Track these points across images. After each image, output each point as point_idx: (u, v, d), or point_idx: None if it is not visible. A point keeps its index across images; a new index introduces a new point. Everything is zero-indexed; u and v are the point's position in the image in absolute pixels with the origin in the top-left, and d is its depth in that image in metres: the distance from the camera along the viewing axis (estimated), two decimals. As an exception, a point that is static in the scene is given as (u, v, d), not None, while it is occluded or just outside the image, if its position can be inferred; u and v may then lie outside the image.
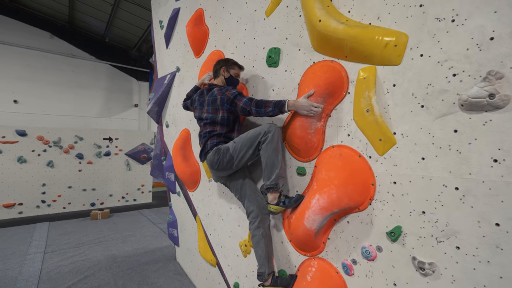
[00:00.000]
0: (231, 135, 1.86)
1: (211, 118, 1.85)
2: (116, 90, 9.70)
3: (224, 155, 1.71)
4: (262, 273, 1.65)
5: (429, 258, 1.07)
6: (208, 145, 1.83)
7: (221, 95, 1.81)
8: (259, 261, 1.68)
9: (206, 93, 1.99)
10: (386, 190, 1.22)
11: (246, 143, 1.65)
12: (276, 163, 1.52)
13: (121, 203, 8.36)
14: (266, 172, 1.55)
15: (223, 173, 1.84)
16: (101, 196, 8.04)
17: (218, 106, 1.82)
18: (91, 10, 7.60)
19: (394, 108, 1.20)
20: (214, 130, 1.83)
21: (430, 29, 1.10)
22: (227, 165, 1.72)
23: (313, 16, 1.45)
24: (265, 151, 1.56)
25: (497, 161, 0.92)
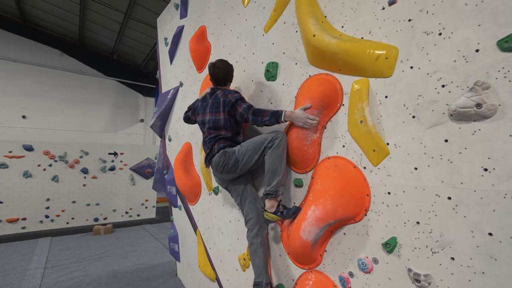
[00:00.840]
0: (237, 138, 1.87)
1: (213, 122, 1.86)
2: (122, 105, 9.97)
3: (230, 158, 1.73)
4: (259, 283, 1.62)
5: (425, 269, 1.07)
6: (215, 148, 1.83)
7: (224, 97, 1.84)
8: (257, 271, 1.66)
9: (209, 97, 1.99)
10: (381, 201, 1.23)
11: (252, 147, 1.66)
12: (279, 170, 1.54)
13: (125, 218, 8.35)
14: (268, 178, 1.56)
15: (227, 177, 1.84)
16: (105, 211, 8.06)
17: (220, 109, 1.84)
18: (100, 28, 7.97)
19: (387, 119, 1.24)
20: (220, 135, 1.84)
21: (419, 42, 1.15)
22: (231, 168, 1.74)
23: (308, 31, 1.52)
24: (269, 156, 1.57)
25: (487, 170, 0.93)
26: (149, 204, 8.84)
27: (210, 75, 2.00)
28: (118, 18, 7.18)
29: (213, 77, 1.99)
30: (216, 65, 1.96)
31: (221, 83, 2.00)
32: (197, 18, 3.04)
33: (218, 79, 1.98)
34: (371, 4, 1.34)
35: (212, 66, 1.97)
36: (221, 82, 1.99)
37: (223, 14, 2.57)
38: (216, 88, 2.00)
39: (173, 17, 3.74)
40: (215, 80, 1.99)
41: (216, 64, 1.96)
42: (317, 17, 1.57)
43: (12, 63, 8.40)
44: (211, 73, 1.98)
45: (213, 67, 1.96)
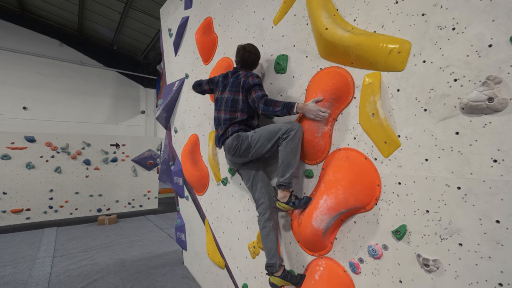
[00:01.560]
0: (252, 122, 1.90)
1: (232, 101, 1.88)
2: (123, 97, 9.94)
3: (243, 142, 1.77)
4: (273, 264, 1.68)
5: (433, 255, 1.13)
6: (228, 131, 1.86)
7: (245, 78, 1.86)
8: (269, 253, 1.71)
9: (231, 75, 2.00)
10: (391, 191, 1.28)
11: (266, 135, 1.69)
12: (293, 162, 1.57)
13: (127, 209, 8.46)
14: (281, 169, 1.60)
15: (238, 160, 1.89)
16: (108, 202, 8.15)
17: (239, 89, 1.87)
18: (100, 18, 7.87)
19: (398, 112, 1.28)
20: (235, 118, 1.87)
21: (432, 36, 1.18)
22: (243, 152, 1.78)
23: (320, 24, 1.54)
24: (284, 148, 1.60)
25: (497, 161, 0.98)
26: (152, 195, 8.94)
27: (238, 57, 1.99)
28: (118, 8, 7.09)
29: (241, 60, 1.98)
30: (247, 49, 1.96)
31: (248, 67, 2.00)
32: (203, 9, 3.03)
33: (245, 63, 1.98)
34: (384, -2, 1.36)
35: (242, 49, 1.97)
36: (247, 66, 1.99)
37: (230, 5, 2.56)
38: (239, 68, 2.00)
39: (177, 8, 3.72)
40: (243, 63, 1.99)
41: (247, 48, 1.96)
42: (329, 10, 1.59)
43: (11, 54, 8.33)
44: (240, 55, 1.97)
45: (244, 50, 1.96)
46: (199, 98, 3.00)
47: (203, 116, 2.90)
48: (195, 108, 3.06)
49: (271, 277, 1.69)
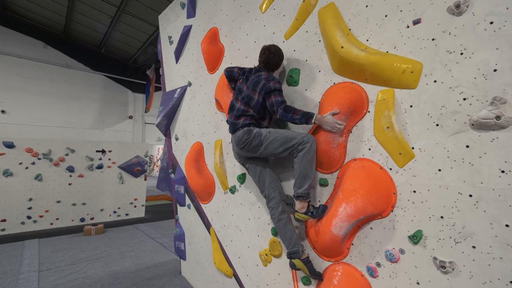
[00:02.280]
0: (262, 122, 1.98)
1: (248, 97, 1.97)
2: (110, 101, 9.80)
3: (254, 138, 1.85)
4: (296, 251, 1.76)
5: (449, 257, 1.26)
6: (240, 121, 1.95)
7: (266, 81, 1.90)
8: (290, 242, 1.79)
9: (254, 72, 2.06)
10: (407, 198, 1.42)
11: (280, 139, 1.77)
12: (310, 173, 1.68)
13: (113, 218, 8.26)
14: (299, 181, 1.70)
15: (245, 154, 1.97)
16: (92, 211, 7.93)
17: (257, 89, 1.93)
18: (89, 21, 7.80)
19: (412, 126, 1.42)
20: (248, 111, 1.96)
21: (442, 59, 1.33)
22: (253, 148, 1.87)
23: (336, 42, 1.68)
24: (300, 160, 1.69)
25: (504, 172, 1.13)
26: (138, 203, 8.78)
27: (262, 58, 2.04)
28: (110, 12, 7.08)
29: (266, 61, 2.02)
30: (271, 50, 2.00)
31: (271, 68, 2.05)
32: (208, 19, 3.13)
33: (269, 64, 2.03)
34: (396, 22, 1.52)
35: (267, 50, 2.01)
36: (270, 67, 2.05)
37: (238, 18, 2.68)
38: (262, 68, 2.05)
39: (178, 16, 3.80)
40: (266, 63, 2.03)
41: (271, 50, 2.00)
42: (342, 29, 1.73)
43: (-9, 55, 8.06)
44: (265, 56, 2.01)
45: (269, 52, 2.00)
46: (204, 107, 3.07)
47: (208, 125, 2.97)
48: (199, 116, 3.13)
49: (294, 260, 1.78)
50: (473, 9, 1.25)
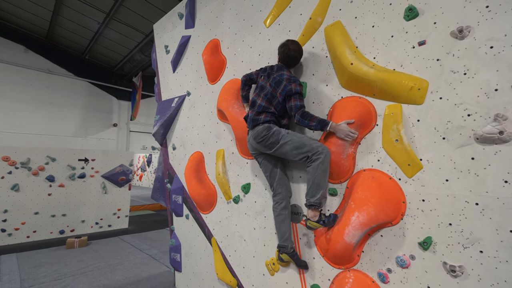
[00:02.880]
0: (282, 120, 2.04)
1: (270, 94, 2.01)
2: (94, 108, 9.51)
3: (273, 135, 1.91)
4: (285, 246, 1.99)
5: (458, 262, 1.35)
6: (261, 118, 1.99)
7: (287, 83, 1.93)
8: (283, 236, 2.01)
9: (276, 70, 2.08)
10: (416, 207, 1.51)
11: (296, 142, 1.84)
12: (322, 184, 1.74)
13: (95, 229, 7.93)
14: (312, 190, 1.75)
15: (260, 149, 2.03)
16: (72, 222, 7.58)
17: (279, 90, 1.97)
18: (75, 27, 7.62)
19: (420, 139, 1.53)
20: (269, 108, 2.00)
21: (447, 78, 1.46)
22: (269, 145, 1.94)
23: (345, 59, 1.78)
24: (314, 170, 1.75)
25: (508, 182, 1.25)
26: (122, 214, 8.50)
27: (281, 55, 2.06)
28: (99, 18, 6.96)
29: (285, 57, 2.04)
30: (290, 47, 2.01)
31: (290, 65, 2.08)
32: (208, 30, 3.19)
33: (288, 61, 2.05)
34: (402, 42, 1.64)
35: (286, 47, 2.02)
36: (290, 64, 2.08)
37: (241, 31, 2.75)
38: (284, 67, 2.08)
39: (175, 26, 3.82)
40: (286, 60, 2.05)
41: (290, 47, 2.01)
42: (350, 47, 1.84)
43: (-35, 58, 7.64)
44: (285, 54, 2.03)
45: (288, 49, 2.01)
46: (204, 116, 3.09)
47: (209, 134, 2.98)
48: (199, 126, 3.14)
49: (282, 254, 2.02)
50: (475, 34, 1.38)
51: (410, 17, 1.61)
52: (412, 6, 1.60)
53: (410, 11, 1.61)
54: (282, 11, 2.38)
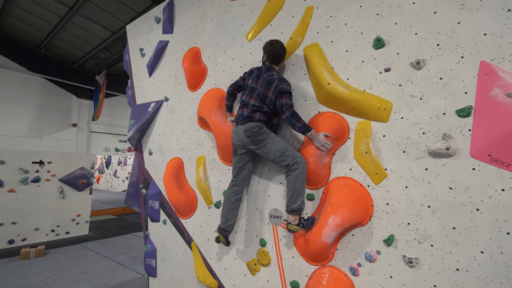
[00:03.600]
0: (274, 118, 2.21)
1: (262, 94, 2.15)
2: (50, 107, 8.82)
3: (262, 134, 2.10)
4: (228, 230, 2.41)
5: (414, 254, 1.64)
6: (256, 116, 2.15)
7: (279, 82, 2.10)
8: (227, 222, 2.40)
9: (265, 71, 2.23)
10: (382, 210, 1.78)
11: (281, 146, 2.06)
12: (302, 191, 1.95)
13: (50, 237, 7.40)
14: (293, 197, 1.95)
15: (246, 142, 2.18)
16: (24, 230, 7.00)
17: (271, 89, 2.12)
18: (31, 18, 7.03)
19: (385, 152, 1.80)
20: (263, 107, 2.16)
21: (407, 101, 1.75)
22: (256, 141, 2.11)
23: (323, 79, 2.01)
24: (295, 178, 1.96)
25: (451, 188, 1.56)
26: (82, 220, 8.05)
27: (268, 53, 2.23)
28: (60, 11, 6.52)
29: (272, 55, 2.21)
30: (277, 45, 2.20)
31: (278, 62, 2.26)
32: (188, 38, 3.26)
33: (277, 58, 2.23)
34: (371, 67, 1.91)
35: (273, 46, 2.20)
36: (278, 61, 2.26)
37: (223, 42, 2.88)
38: (272, 67, 2.25)
39: (152, 30, 3.82)
40: (274, 57, 2.22)
41: (277, 45, 2.21)
42: (327, 67, 2.08)
43: None
44: (272, 51, 2.20)
45: (276, 47, 2.20)
46: (183, 123, 3.15)
47: (189, 141, 3.05)
48: (178, 132, 3.19)
49: (220, 237, 2.40)
50: (429, 66, 1.69)
51: (378, 46, 1.89)
52: (379, 37, 1.88)
53: (378, 41, 1.88)
54: (263, 27, 2.56)
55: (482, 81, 1.52)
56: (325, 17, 2.17)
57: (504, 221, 1.42)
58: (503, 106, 1.43)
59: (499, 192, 1.43)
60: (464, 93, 1.57)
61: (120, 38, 7.20)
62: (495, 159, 1.45)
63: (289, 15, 2.38)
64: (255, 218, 2.40)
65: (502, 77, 1.46)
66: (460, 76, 1.59)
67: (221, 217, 2.41)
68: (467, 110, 1.54)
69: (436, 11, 1.69)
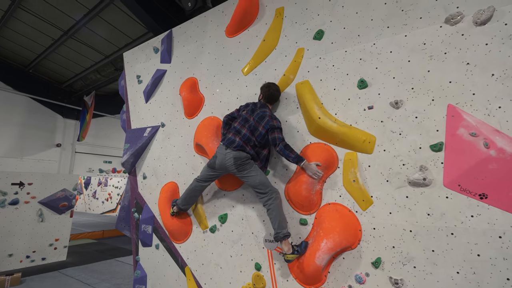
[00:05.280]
0: (262, 151, 2.43)
1: (253, 128, 2.38)
2: (33, 126, 8.64)
3: (247, 164, 2.33)
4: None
5: (399, 276, 1.80)
6: (247, 148, 2.36)
7: (269, 119, 2.33)
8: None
9: (259, 107, 2.47)
10: (369, 234, 1.95)
11: (262, 177, 2.31)
12: (283, 217, 2.19)
13: (25, 264, 6.99)
14: (280, 224, 2.12)
15: (229, 167, 2.37)
16: (-4, 257, 6.59)
17: (262, 123, 2.34)
18: (23, 40, 7.08)
19: (370, 180, 2.01)
20: (251, 140, 2.37)
21: (388, 136, 1.99)
22: (240, 169, 2.33)
23: (314, 113, 2.24)
24: (276, 208, 2.17)
25: (429, 214, 1.76)
26: (60, 244, 7.69)
27: (264, 94, 2.49)
28: (54, 35, 6.64)
29: (268, 95, 2.48)
30: (273, 87, 2.48)
31: (272, 101, 2.52)
32: (186, 68, 3.47)
33: (271, 98, 2.49)
34: (356, 104, 2.16)
35: (269, 88, 2.47)
36: (272, 100, 2.51)
37: (219, 74, 3.10)
38: (266, 105, 2.49)
39: (149, 58, 4.01)
40: (269, 97, 2.48)
41: (273, 87, 2.48)
42: (317, 103, 2.31)
43: None
44: (268, 92, 2.47)
45: (271, 89, 2.47)
46: (180, 148, 3.27)
47: (185, 166, 3.16)
48: (174, 157, 3.30)
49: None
50: (405, 106, 1.95)
51: (362, 87, 2.15)
52: (363, 79, 2.14)
53: (362, 82, 2.15)
54: (258, 64, 2.81)
55: (450, 121, 1.78)
56: (314, 58, 2.44)
57: (474, 244, 1.62)
58: (467, 144, 1.69)
59: (469, 218, 1.65)
60: (436, 130, 1.82)
61: (113, 62, 7.35)
62: (464, 189, 1.68)
63: (282, 54, 2.65)
64: (250, 243, 2.51)
65: (466, 119, 1.72)
66: (432, 116, 1.85)
67: (182, 199, 2.82)
68: (439, 146, 1.79)
69: (410, 60, 1.98)
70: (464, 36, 1.81)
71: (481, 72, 1.73)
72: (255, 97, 2.73)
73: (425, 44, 1.94)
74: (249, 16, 2.92)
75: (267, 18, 2.83)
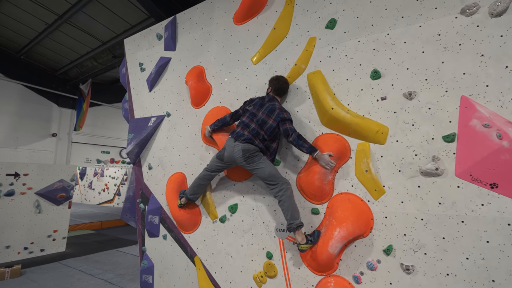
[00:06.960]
0: (272, 144, 2.51)
1: (262, 121, 2.45)
2: (28, 115, 8.62)
3: (256, 156, 2.41)
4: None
5: (410, 262, 1.92)
6: (256, 142, 2.43)
7: (280, 111, 2.42)
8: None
9: (267, 101, 2.54)
10: (381, 222, 2.06)
11: (272, 172, 2.36)
12: (296, 207, 2.27)
13: (23, 255, 7.13)
14: (292, 214, 2.22)
15: (238, 159, 2.45)
16: (-7, 249, 6.72)
17: (272, 116, 2.43)
18: (15, 24, 6.99)
19: (383, 171, 2.11)
20: (260, 133, 2.45)
21: (401, 127, 2.08)
22: (249, 161, 2.41)
23: (327, 104, 2.32)
24: (288, 198, 2.27)
25: (441, 203, 1.87)
26: (58, 236, 7.84)
27: (273, 86, 2.57)
28: (48, 19, 6.55)
29: (277, 88, 2.57)
30: (282, 80, 2.57)
31: (280, 94, 2.61)
32: (192, 57, 3.50)
33: (281, 91, 2.59)
34: (369, 95, 2.24)
35: (278, 80, 2.56)
36: (281, 93, 2.61)
37: (228, 63, 3.15)
38: (275, 98, 2.58)
39: (153, 45, 4.03)
40: (278, 90, 2.57)
41: (282, 79, 2.57)
42: (330, 93, 2.39)
43: None
44: (277, 85, 2.56)
45: (280, 82, 2.56)
46: (186, 138, 3.35)
47: (193, 156, 3.25)
48: (181, 148, 3.37)
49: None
50: (419, 97, 2.03)
51: (375, 77, 2.22)
52: (376, 70, 2.21)
53: (375, 73, 2.22)
54: (268, 52, 2.86)
55: (463, 112, 1.87)
56: (327, 48, 2.50)
57: (484, 231, 1.73)
58: (480, 135, 1.78)
59: (479, 207, 1.76)
60: (449, 121, 1.91)
61: (110, 49, 7.30)
62: (476, 179, 1.78)
63: (293, 43, 2.70)
64: (261, 232, 2.62)
65: (479, 110, 1.81)
66: (445, 107, 1.94)
67: (190, 188, 2.92)
68: (451, 136, 1.88)
69: (424, 51, 2.05)
70: (479, 28, 1.88)
71: (495, 64, 1.81)
72: (265, 87, 2.79)
73: (439, 35, 2.00)
74: (258, 3, 2.95)
75: (277, 5, 2.86)
